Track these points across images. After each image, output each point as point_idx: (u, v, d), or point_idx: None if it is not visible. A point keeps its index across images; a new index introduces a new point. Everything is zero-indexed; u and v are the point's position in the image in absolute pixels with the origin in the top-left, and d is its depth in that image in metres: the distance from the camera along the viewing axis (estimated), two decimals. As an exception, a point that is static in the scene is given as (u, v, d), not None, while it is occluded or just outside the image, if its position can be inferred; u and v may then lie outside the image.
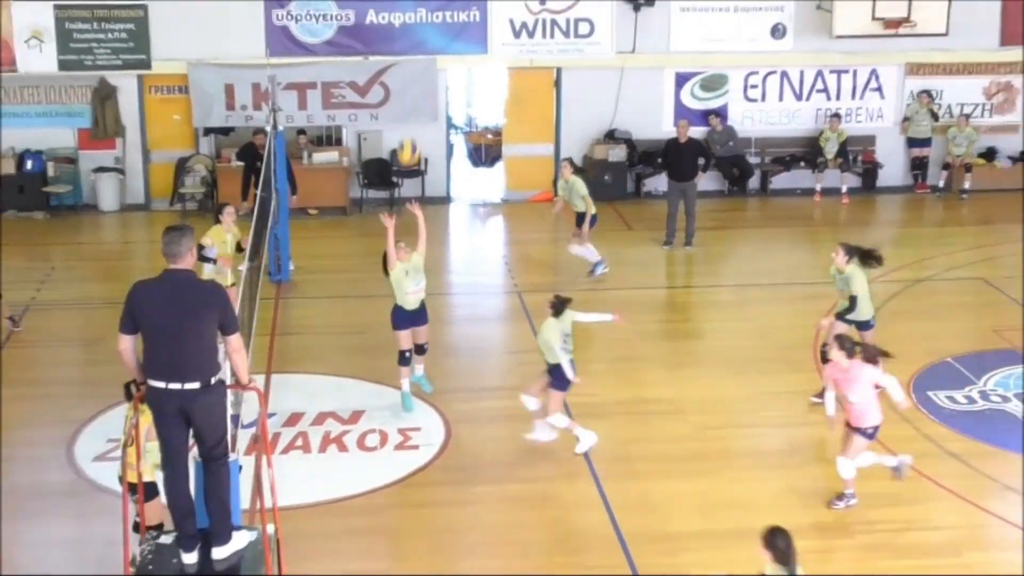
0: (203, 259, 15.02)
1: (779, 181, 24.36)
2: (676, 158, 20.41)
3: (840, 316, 13.63)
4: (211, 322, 8.17)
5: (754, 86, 24.02)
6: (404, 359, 13.80)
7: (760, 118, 24.15)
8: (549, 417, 12.74)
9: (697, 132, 22.98)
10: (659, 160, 22.13)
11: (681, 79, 23.86)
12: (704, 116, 23.80)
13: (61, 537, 11.30)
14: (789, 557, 8.09)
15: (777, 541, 8.12)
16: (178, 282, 8.26)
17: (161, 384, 8.13)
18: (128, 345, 8.29)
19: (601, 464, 12.51)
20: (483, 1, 23.01)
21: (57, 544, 11.22)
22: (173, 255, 8.28)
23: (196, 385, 8.12)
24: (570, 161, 18.94)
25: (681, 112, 23.67)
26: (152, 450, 9.11)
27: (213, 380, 8.20)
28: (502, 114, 25.04)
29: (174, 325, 8.10)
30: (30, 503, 11.83)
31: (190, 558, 8.43)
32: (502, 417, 13.80)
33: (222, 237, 15.65)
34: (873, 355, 11.50)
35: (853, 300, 13.45)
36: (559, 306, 12.65)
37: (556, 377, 12.55)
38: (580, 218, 18.65)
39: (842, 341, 11.56)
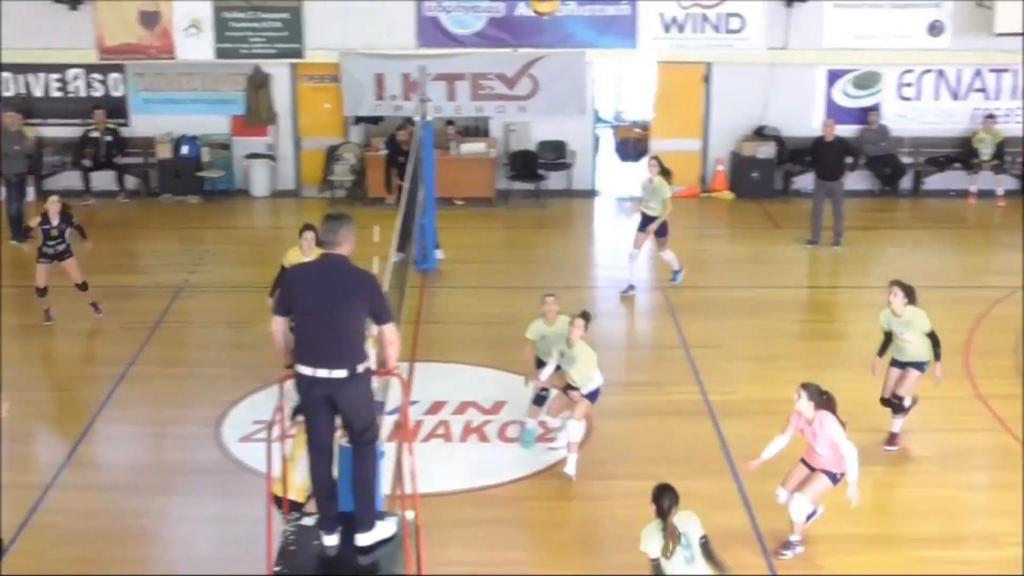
0: None
1: (932, 182, 23.81)
2: (822, 157, 20.11)
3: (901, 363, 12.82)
4: (362, 309, 8.20)
5: (908, 84, 23.50)
6: (539, 398, 13.22)
7: (914, 117, 23.63)
8: (572, 423, 12.34)
9: (850, 131, 22.65)
10: (806, 159, 21.78)
11: (833, 76, 23.47)
12: (856, 114, 23.38)
13: (207, 514, 11.57)
14: (666, 513, 9.22)
15: (663, 500, 9.27)
16: (332, 266, 8.30)
17: (309, 371, 8.18)
18: (280, 327, 8.37)
19: (741, 462, 12.36)
20: (634, -5, 22.96)
21: (203, 521, 11.48)
22: (330, 242, 8.33)
23: (343, 374, 8.15)
24: (657, 160, 17.97)
25: (832, 110, 23.30)
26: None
27: (360, 369, 8.24)
28: (650, 108, 24.91)
29: (325, 308, 8.13)
30: (179, 480, 12.12)
31: (331, 540, 8.52)
32: (644, 412, 13.76)
33: (298, 259, 13.83)
34: (830, 404, 10.70)
35: (935, 338, 12.55)
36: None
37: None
38: (649, 222, 17.76)
39: (811, 389, 10.67)
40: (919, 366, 12.74)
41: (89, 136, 23.15)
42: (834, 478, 10.67)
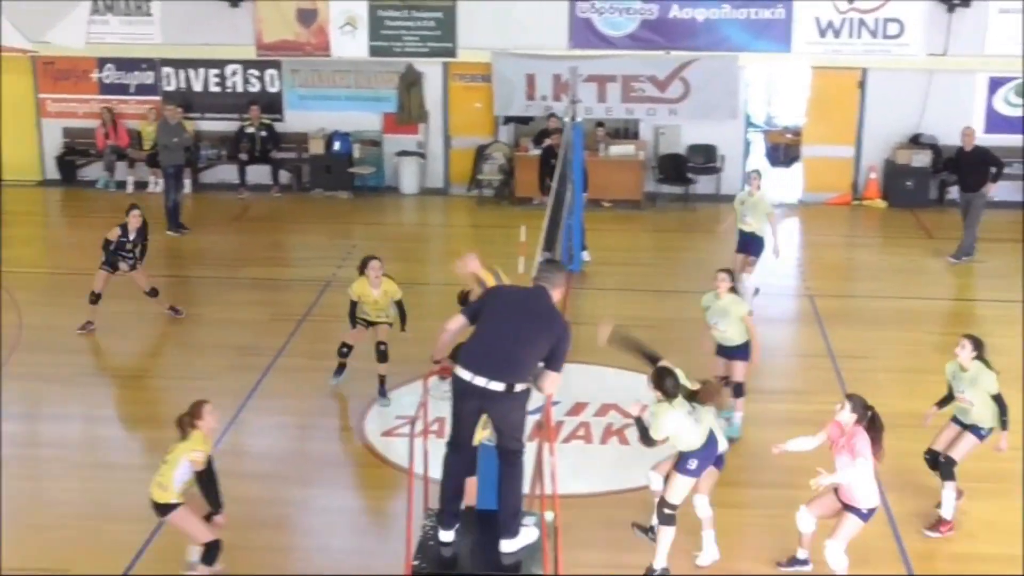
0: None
1: (1096, 194, 23.06)
2: (961, 167, 19.56)
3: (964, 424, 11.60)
4: (543, 345, 8.21)
5: (1074, 93, 22.81)
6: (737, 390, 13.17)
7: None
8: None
9: (1012, 140, 22.08)
10: (948, 169, 21.07)
11: (995, 84, 22.85)
12: (1019, 123, 22.69)
13: (347, 506, 11.71)
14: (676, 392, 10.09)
15: (665, 382, 10.15)
16: (534, 296, 8.39)
17: (467, 376, 8.20)
18: (456, 327, 8.42)
19: (886, 476, 12.08)
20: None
21: (343, 512, 11.62)
22: (546, 279, 8.45)
23: (500, 387, 8.15)
24: (758, 173, 17.07)
25: (992, 119, 22.72)
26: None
27: (518, 388, 8.23)
28: (802, 113, 24.56)
29: (511, 328, 8.16)
30: (321, 471, 12.28)
31: (447, 535, 8.55)
32: (787, 420, 13.52)
33: (366, 291, 13.96)
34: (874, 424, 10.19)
35: (1000, 401, 11.34)
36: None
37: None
38: (749, 241, 16.82)
39: (856, 401, 10.21)
40: (977, 431, 11.44)
41: (245, 131, 23.62)
42: (862, 515, 10.16)
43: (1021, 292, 17.82)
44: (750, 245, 16.82)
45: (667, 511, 10.49)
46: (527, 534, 8.61)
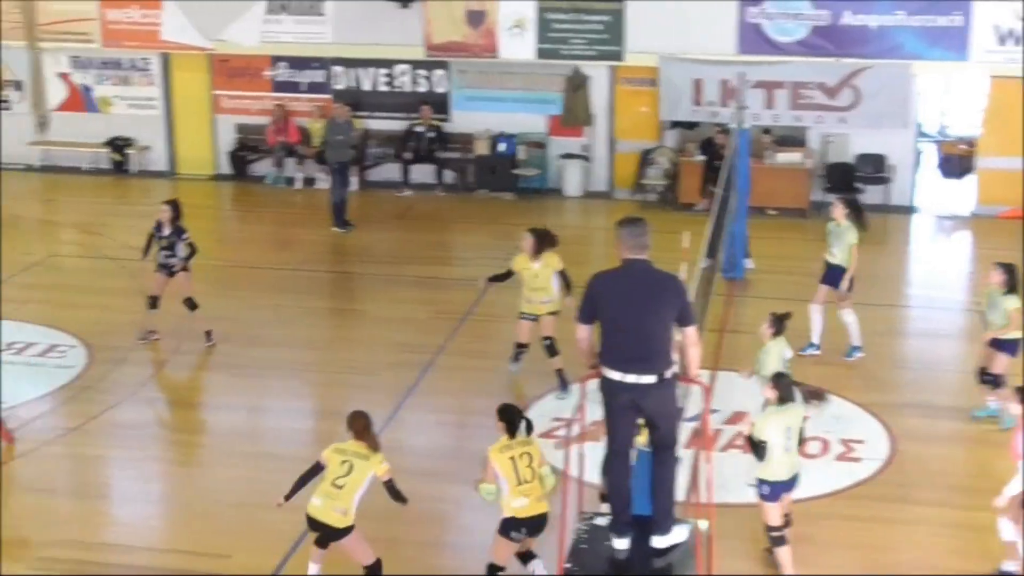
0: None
1: None
2: None
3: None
4: (670, 314, 8.19)
5: None
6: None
7: None
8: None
9: None
10: None
11: None
12: None
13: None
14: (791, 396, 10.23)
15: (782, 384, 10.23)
16: (638, 273, 8.31)
17: (617, 376, 8.20)
18: (586, 335, 8.43)
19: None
20: (968, 2, 22.04)
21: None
22: (638, 246, 8.34)
23: (651, 379, 8.14)
24: (844, 202, 15.73)
25: None
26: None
27: (668, 374, 8.21)
28: (978, 124, 23.93)
29: (634, 317, 8.15)
30: (477, 469, 12.34)
31: (622, 544, 8.54)
32: (952, 438, 13.28)
33: (525, 264, 14.45)
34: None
35: None
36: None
37: None
38: (834, 274, 15.46)
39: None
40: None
41: (413, 130, 23.91)
42: None
43: None
44: (835, 277, 15.50)
45: (773, 534, 10.47)
46: (678, 532, 8.59)
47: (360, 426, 9.90)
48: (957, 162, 25.36)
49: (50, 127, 25.77)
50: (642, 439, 8.93)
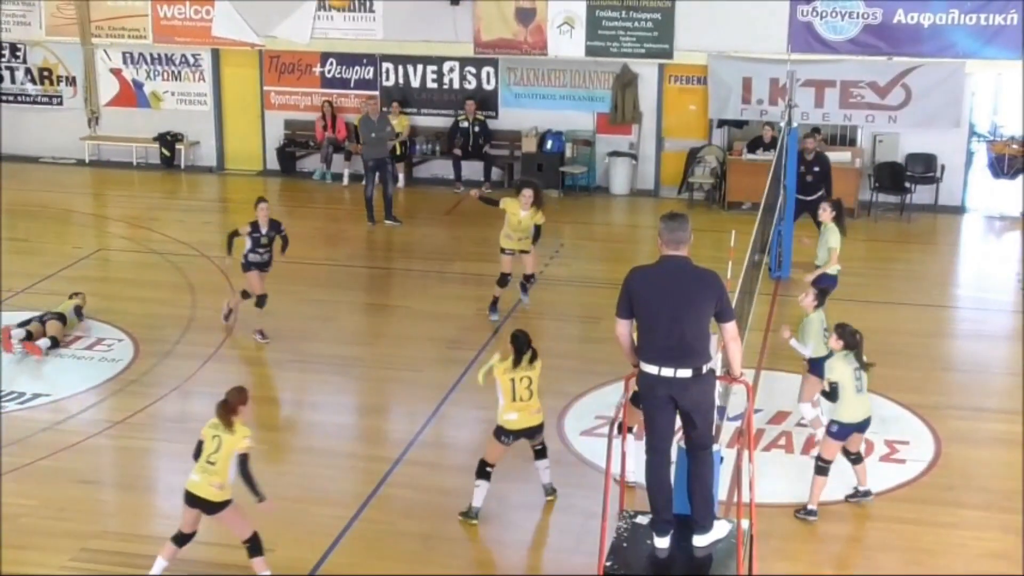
0: None
1: None
2: None
3: None
4: (707, 309, 8.17)
5: None
6: None
7: None
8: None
9: None
10: None
11: None
12: None
13: (543, 502, 11.71)
14: (856, 345, 11.19)
15: (845, 332, 11.19)
16: (676, 268, 8.29)
17: (654, 370, 8.20)
18: (625, 330, 8.43)
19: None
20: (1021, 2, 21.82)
21: (539, 508, 11.66)
22: (677, 241, 8.32)
23: (688, 373, 8.14)
24: (832, 204, 15.40)
25: None
26: None
27: (705, 369, 8.20)
28: (1029, 124, 23.70)
29: (671, 311, 8.14)
30: (519, 466, 12.35)
31: (662, 542, 8.52)
32: (999, 440, 13.13)
33: (514, 209, 16.27)
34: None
35: None
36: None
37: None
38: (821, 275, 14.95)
39: None
40: None
41: (459, 125, 23.94)
42: None
43: None
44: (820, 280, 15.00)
45: (820, 464, 11.43)
46: (719, 529, 8.56)
47: (232, 403, 9.95)
48: (1008, 162, 25.11)
49: (101, 122, 26.03)
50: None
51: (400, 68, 24.49)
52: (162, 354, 15.36)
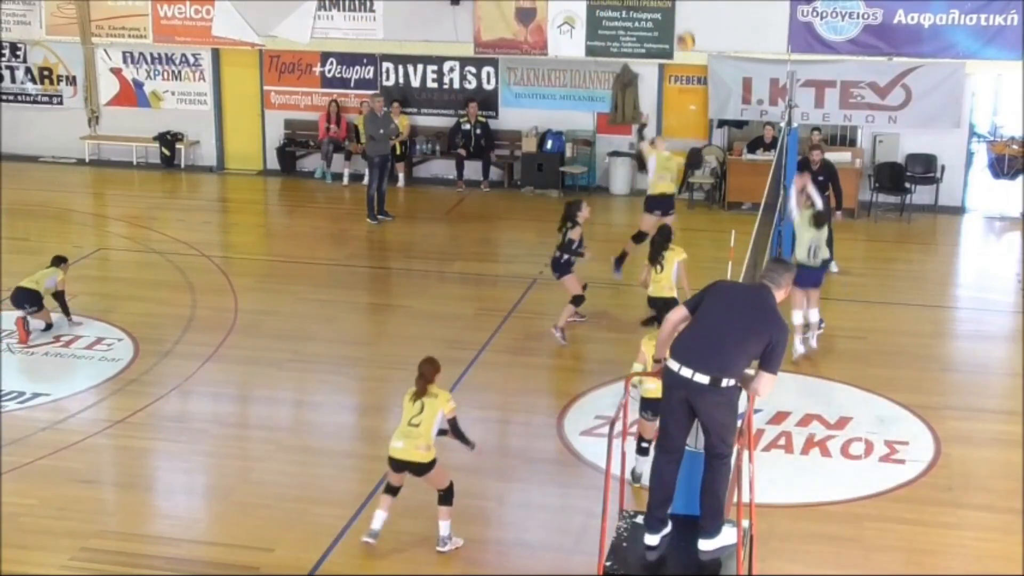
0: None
1: None
2: None
3: None
4: (757, 345, 8.16)
5: None
6: None
7: None
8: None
9: None
10: None
11: None
12: None
13: (544, 503, 11.74)
14: None
15: None
16: (761, 297, 8.35)
17: (675, 367, 8.21)
18: (678, 317, 8.47)
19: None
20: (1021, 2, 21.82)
21: (539, 508, 11.67)
22: (772, 280, 8.39)
23: (705, 380, 8.11)
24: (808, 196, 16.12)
25: None
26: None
27: (725, 384, 8.16)
28: (1029, 124, 23.70)
29: (730, 322, 8.15)
30: (519, 467, 12.38)
31: (651, 539, 8.52)
32: (999, 441, 13.13)
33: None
34: None
35: None
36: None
37: None
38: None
39: None
40: None
41: (461, 127, 23.95)
42: None
43: None
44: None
45: None
46: (726, 535, 8.54)
47: (429, 370, 10.77)
48: (1008, 162, 25.13)
49: (101, 122, 26.04)
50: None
51: (400, 68, 24.49)
52: (162, 353, 15.36)
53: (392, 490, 10.83)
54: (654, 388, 10.05)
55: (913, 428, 13.35)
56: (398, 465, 10.64)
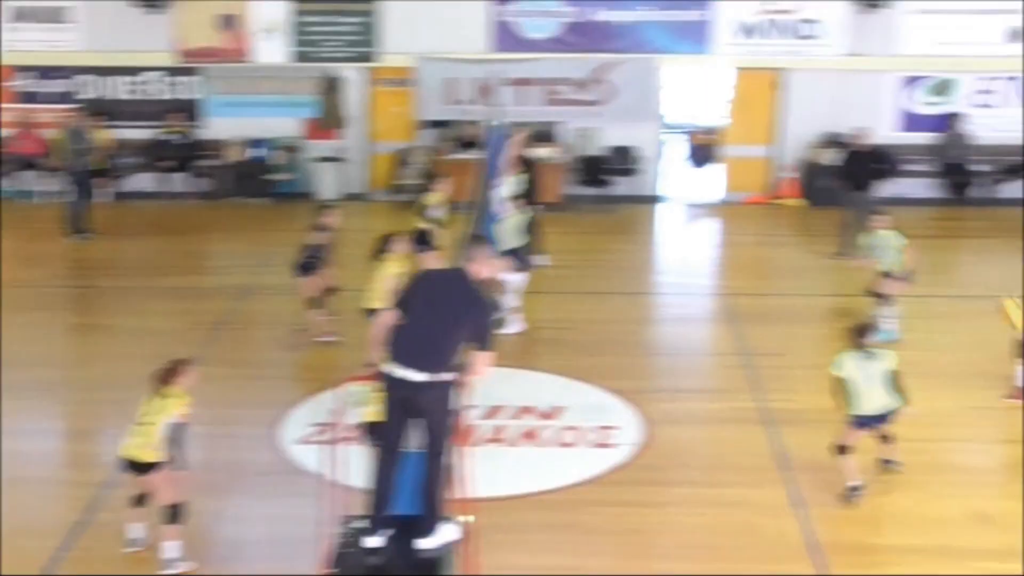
0: (429, 220, 15.87)
1: (1010, 190, 23.43)
2: (854, 166, 19.62)
3: None
4: (465, 329, 8.26)
5: (985, 92, 23.16)
6: None
7: (992, 125, 23.26)
8: None
9: (929, 138, 22.85)
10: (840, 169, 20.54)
11: (908, 83, 23.19)
12: (932, 122, 23.13)
13: (261, 514, 11.59)
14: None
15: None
16: (456, 278, 8.43)
17: (392, 368, 8.26)
18: (387, 319, 8.49)
19: (800, 472, 12.26)
20: (709, 0, 22.77)
21: (257, 520, 11.52)
22: (466, 257, 8.49)
23: (424, 377, 8.19)
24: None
25: (907, 118, 23.11)
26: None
27: (442, 378, 8.26)
28: (722, 115, 24.76)
29: (436, 315, 8.23)
30: (234, 480, 12.19)
31: (373, 541, 8.56)
32: (702, 419, 13.68)
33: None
34: None
35: None
36: None
37: None
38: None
39: None
40: None
41: (163, 138, 23.43)
42: None
43: (932, 288, 18.18)
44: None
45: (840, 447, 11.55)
46: (445, 533, 8.63)
47: (171, 370, 10.48)
48: (704, 152, 26.22)
49: None
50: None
51: (101, 80, 23.77)
52: None
53: (139, 500, 10.56)
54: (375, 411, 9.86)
55: (623, 413, 13.75)
56: (125, 465, 10.41)
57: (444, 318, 8.24)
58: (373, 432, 10.32)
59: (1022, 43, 22.87)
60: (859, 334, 11.76)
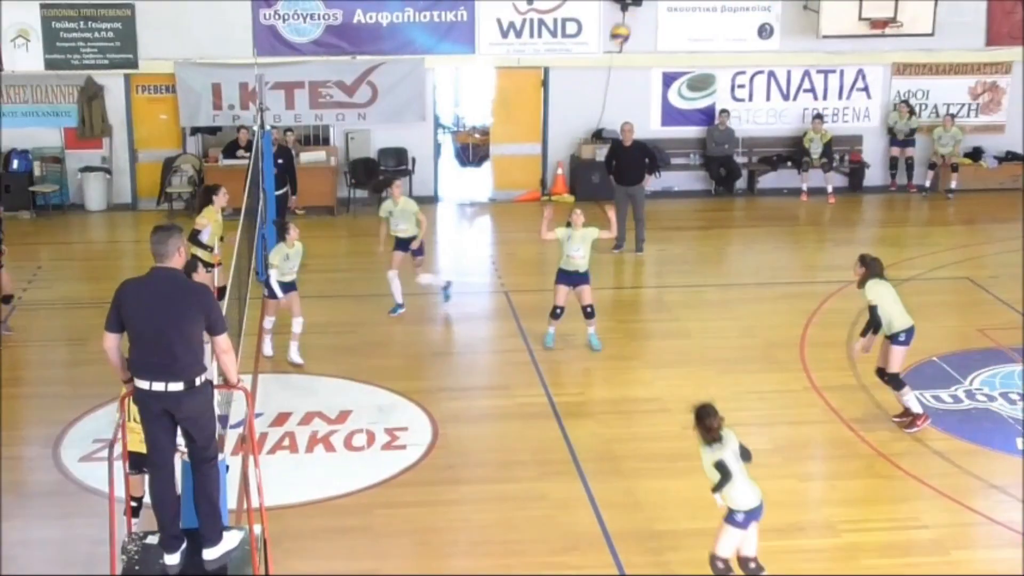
0: (198, 244, 15.24)
1: (766, 181, 24.42)
2: (622, 161, 20.14)
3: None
4: (197, 322, 8.14)
5: (741, 86, 24.07)
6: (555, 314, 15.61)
7: (747, 118, 24.18)
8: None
9: (692, 132, 23.40)
10: (605, 163, 21.03)
11: (668, 79, 23.89)
12: (692, 116, 23.93)
13: (46, 537, 11.26)
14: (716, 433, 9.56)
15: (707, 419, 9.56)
16: (164, 281, 8.23)
17: (146, 384, 8.09)
18: (113, 343, 8.25)
19: (588, 463, 12.54)
20: (470, 1, 23.00)
21: (42, 544, 11.19)
22: (160, 254, 8.26)
23: (180, 387, 8.08)
24: (399, 183, 17.55)
25: (668, 112, 23.82)
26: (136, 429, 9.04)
27: (198, 381, 8.16)
28: (489, 114, 25.05)
29: (159, 324, 8.06)
30: (15, 503, 11.80)
31: (172, 559, 8.42)
32: (489, 416, 13.85)
33: (215, 217, 15.90)
34: None
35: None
36: None
37: None
38: (406, 243, 17.00)
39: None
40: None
41: (-88, 154, 22.46)
42: None
43: (704, 278, 18.81)
44: (405, 245, 17.01)
45: (719, 564, 9.90)
46: (229, 539, 8.55)
47: None
48: (473, 151, 26.50)
49: None
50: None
51: None
52: None
53: None
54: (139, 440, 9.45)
55: (411, 413, 13.83)
56: None
57: (173, 322, 8.09)
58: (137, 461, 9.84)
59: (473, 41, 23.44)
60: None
